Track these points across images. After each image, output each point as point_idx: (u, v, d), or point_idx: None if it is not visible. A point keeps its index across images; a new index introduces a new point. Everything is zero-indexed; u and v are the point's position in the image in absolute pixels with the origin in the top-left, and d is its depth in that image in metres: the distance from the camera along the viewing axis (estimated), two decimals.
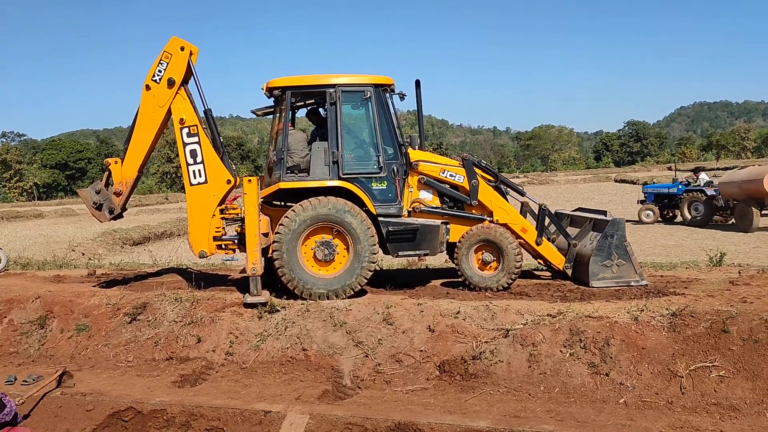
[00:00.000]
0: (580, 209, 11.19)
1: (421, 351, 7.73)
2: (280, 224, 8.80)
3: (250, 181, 8.72)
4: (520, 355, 7.29)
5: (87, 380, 7.76)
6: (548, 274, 10.67)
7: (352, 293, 8.90)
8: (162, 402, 7.03)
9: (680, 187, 24.23)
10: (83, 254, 20.11)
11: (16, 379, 7.79)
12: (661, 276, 10.22)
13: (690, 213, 23.24)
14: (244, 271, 11.97)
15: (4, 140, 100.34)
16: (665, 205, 25.22)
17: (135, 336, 8.63)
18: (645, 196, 25.74)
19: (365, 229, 8.80)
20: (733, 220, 21.79)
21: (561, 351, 7.18)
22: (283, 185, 8.90)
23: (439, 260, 13.36)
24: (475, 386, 7.10)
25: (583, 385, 6.81)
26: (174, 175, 77.25)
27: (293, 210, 8.79)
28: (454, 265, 9.62)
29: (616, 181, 64.17)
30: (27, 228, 31.09)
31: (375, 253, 8.91)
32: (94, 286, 10.51)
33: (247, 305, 8.71)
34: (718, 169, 54.64)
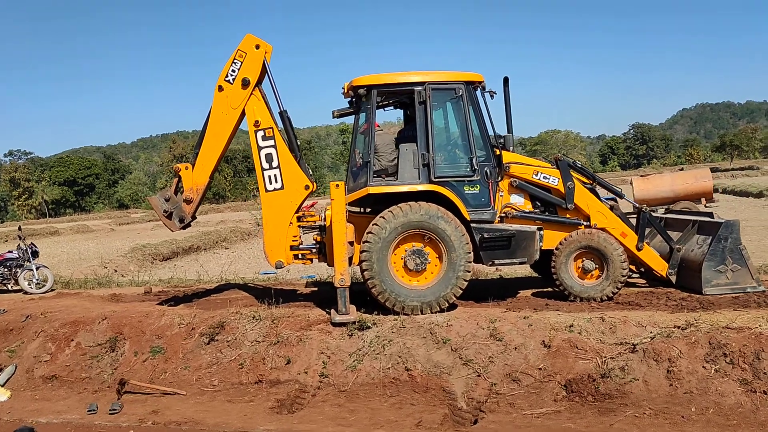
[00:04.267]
0: (671, 211, 10.52)
1: (540, 369, 7.05)
2: (369, 232, 8.14)
3: (337, 186, 8.07)
4: (656, 372, 6.61)
5: (175, 407, 7.11)
6: (642, 281, 9.98)
7: (447, 305, 8.24)
8: (267, 430, 6.36)
9: None
10: (116, 270, 19.40)
11: (98, 408, 7.12)
12: (766, 280, 9.52)
13: None
14: (310, 284, 11.34)
15: (12, 159, 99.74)
16: None
17: (216, 358, 7.96)
18: None
19: (460, 236, 8.14)
20: None
21: (704, 367, 6.50)
22: (371, 190, 8.25)
23: (500, 270, 12.61)
24: (613, 408, 6.40)
25: (740, 405, 6.12)
26: None
27: (383, 217, 8.14)
28: (531, 274, 8.90)
29: (631, 184, 63.17)
30: (47, 245, 30.28)
31: (470, 262, 8.26)
32: (159, 305, 9.83)
33: (335, 324, 8.04)
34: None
